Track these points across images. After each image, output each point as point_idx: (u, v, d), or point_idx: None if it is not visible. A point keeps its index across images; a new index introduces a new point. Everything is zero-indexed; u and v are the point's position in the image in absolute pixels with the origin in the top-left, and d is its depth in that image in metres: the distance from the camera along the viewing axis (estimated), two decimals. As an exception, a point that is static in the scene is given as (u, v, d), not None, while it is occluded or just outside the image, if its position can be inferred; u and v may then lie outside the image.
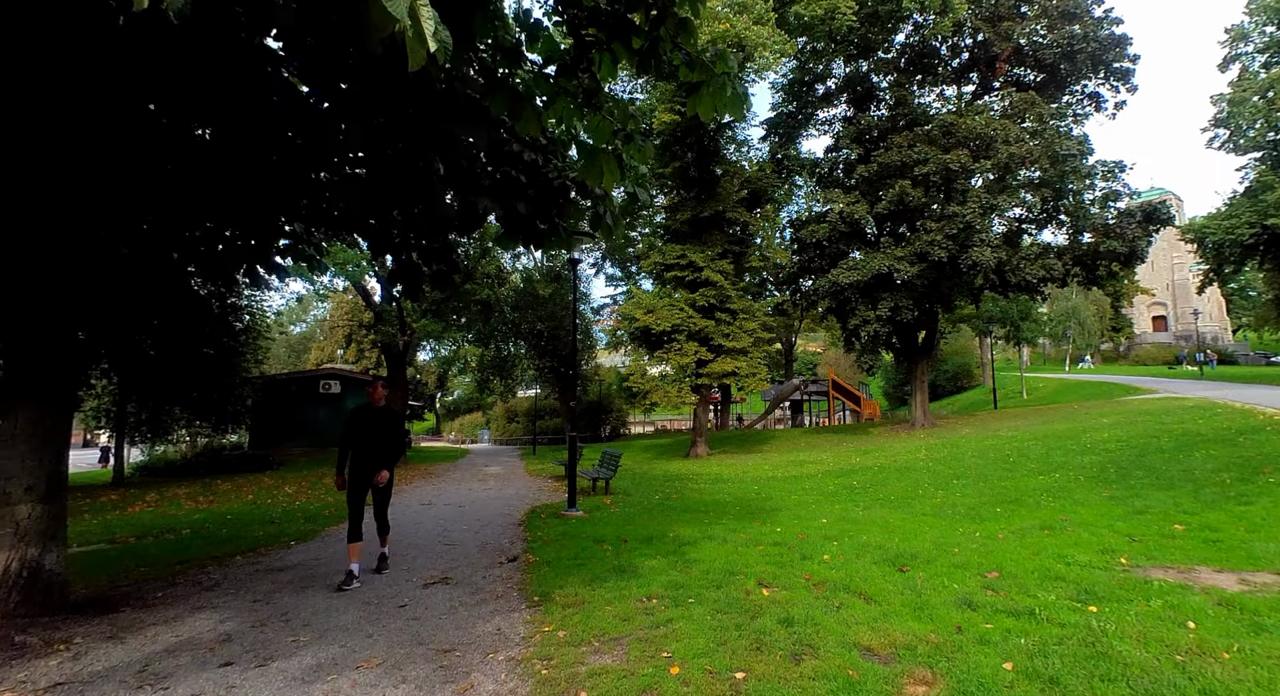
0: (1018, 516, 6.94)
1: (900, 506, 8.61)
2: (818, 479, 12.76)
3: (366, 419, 5.47)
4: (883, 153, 19.54)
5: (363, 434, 5.43)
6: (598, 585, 4.60)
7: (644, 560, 5.34)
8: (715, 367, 19.57)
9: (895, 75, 21.76)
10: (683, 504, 9.81)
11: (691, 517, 8.11)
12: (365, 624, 4.05)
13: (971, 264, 17.38)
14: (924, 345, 22.07)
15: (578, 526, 7.55)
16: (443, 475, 16.57)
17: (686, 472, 15.68)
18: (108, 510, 11.73)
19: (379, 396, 5.60)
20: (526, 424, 38.09)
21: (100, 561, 6.64)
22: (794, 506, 9.31)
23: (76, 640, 3.70)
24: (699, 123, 20.76)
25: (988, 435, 16.47)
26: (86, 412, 24.20)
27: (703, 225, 21.02)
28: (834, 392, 35.09)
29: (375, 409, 5.54)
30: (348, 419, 5.51)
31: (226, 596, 4.78)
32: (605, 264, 34.80)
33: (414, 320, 20.19)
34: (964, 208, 17.56)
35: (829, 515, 8.03)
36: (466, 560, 6.02)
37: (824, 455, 17.19)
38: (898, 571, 4.59)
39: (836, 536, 6.21)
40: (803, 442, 21.50)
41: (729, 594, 4.14)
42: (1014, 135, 17.54)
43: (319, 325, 52.77)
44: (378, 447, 5.43)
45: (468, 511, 9.58)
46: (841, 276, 19.01)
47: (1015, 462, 11.26)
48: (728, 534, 6.49)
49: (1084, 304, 44.77)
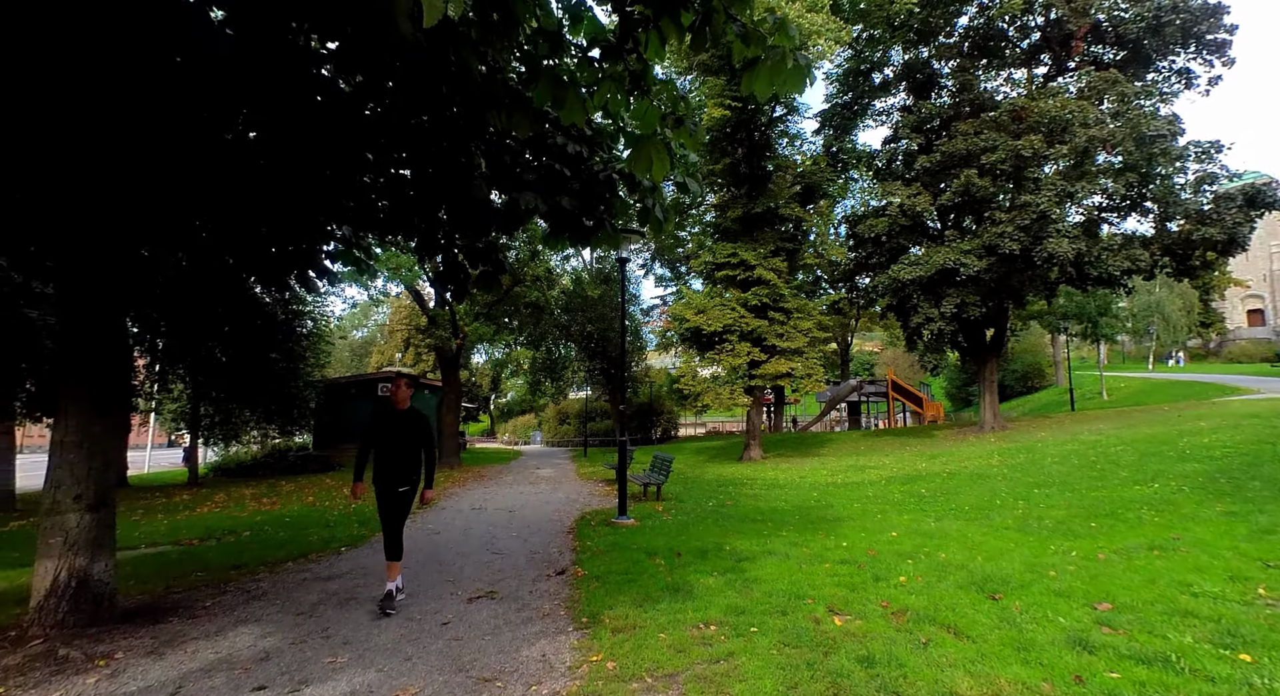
0: (1117, 533, 6.21)
1: (977, 518, 7.92)
2: (881, 486, 12.06)
3: (389, 421, 4.87)
4: (946, 141, 18.49)
5: (385, 438, 4.85)
6: (650, 606, 4.25)
7: (699, 577, 4.97)
8: (769, 368, 18.96)
9: (958, 60, 20.61)
10: (738, 512, 9.37)
11: (748, 528, 7.67)
12: (405, 644, 3.84)
13: (1047, 256, 16.19)
14: (992, 343, 20.80)
15: (629, 536, 7.24)
16: (495, 477, 16.59)
17: (740, 477, 15.17)
18: (179, 510, 12.16)
19: (403, 396, 4.90)
20: (577, 425, 38.18)
21: (162, 564, 6.75)
22: (858, 516, 8.73)
23: (118, 655, 3.62)
24: (749, 117, 20.23)
25: (1067, 439, 15.30)
26: (165, 415, 25.67)
27: (754, 222, 20.45)
28: (894, 393, 33.71)
29: (399, 410, 4.90)
30: (367, 422, 4.95)
31: (271, 608, 4.67)
32: (654, 264, 34.53)
33: (466, 323, 20.39)
34: (1038, 196, 16.39)
35: (898, 527, 7.45)
36: (514, 571, 5.78)
37: (886, 460, 16.35)
38: (989, 599, 4.06)
39: (911, 553, 5.67)
40: (862, 446, 20.60)
41: (796, 622, 3.72)
42: (1093, 117, 16.26)
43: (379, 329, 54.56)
44: (403, 455, 4.82)
45: (517, 516, 9.42)
46: (903, 272, 18.08)
47: (1105, 470, 10.30)
48: (789, 548, 6.04)
49: (1168, 298, 41.59)
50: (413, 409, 5.00)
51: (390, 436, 4.84)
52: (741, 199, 20.62)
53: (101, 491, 4.22)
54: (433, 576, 5.65)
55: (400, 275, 17.18)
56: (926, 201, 18.42)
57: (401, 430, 4.85)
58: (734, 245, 19.87)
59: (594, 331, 27.56)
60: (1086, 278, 17.79)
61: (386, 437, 4.83)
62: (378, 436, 4.85)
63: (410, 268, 16.54)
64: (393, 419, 4.86)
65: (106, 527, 4.26)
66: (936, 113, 19.84)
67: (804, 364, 19.19)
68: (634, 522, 8.34)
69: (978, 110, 19.23)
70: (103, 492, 4.22)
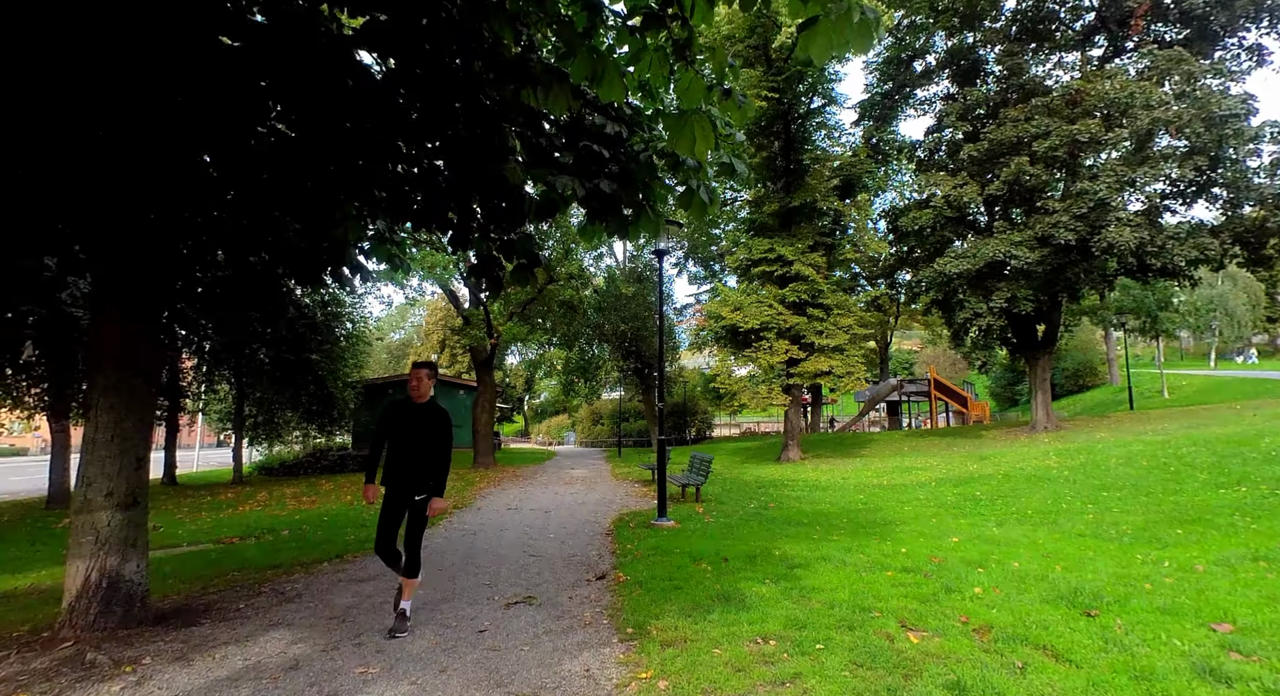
0: (1210, 541, 5.64)
1: (1043, 523, 7.38)
2: (931, 488, 11.48)
3: (405, 417, 4.28)
4: (994, 128, 17.67)
5: (400, 435, 4.24)
6: (700, 617, 3.93)
7: (751, 585, 4.62)
8: (808, 367, 18.42)
9: (1005, 45, 19.71)
10: (783, 515, 8.96)
11: (796, 532, 7.28)
12: (440, 653, 3.60)
13: (1106, 246, 15.29)
14: (1044, 339, 19.83)
15: (670, 539, 6.92)
16: (529, 477, 16.46)
17: (780, 478, 14.70)
18: (223, 508, 12.32)
19: (423, 388, 4.31)
20: (611, 426, 38.03)
21: (202, 563, 6.71)
22: (910, 520, 8.25)
23: (145, 661, 3.46)
24: (786, 110, 19.73)
25: (1130, 439, 14.40)
26: (212, 415, 26.39)
27: (791, 217, 19.93)
28: (936, 393, 32.56)
29: (417, 405, 4.30)
30: (381, 416, 4.34)
31: (304, 612, 4.50)
32: (688, 263, 34.11)
33: (500, 323, 20.36)
34: (1095, 183, 15.50)
35: (958, 532, 6.96)
36: (552, 575, 5.53)
37: (933, 461, 15.67)
38: (1084, 615, 3.62)
39: (979, 561, 5.22)
40: (906, 446, 19.86)
41: (866, 639, 3.35)
42: (1157, 98, 15.28)
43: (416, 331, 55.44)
44: (420, 455, 4.21)
45: (553, 517, 9.19)
46: (949, 266, 17.33)
47: (1179, 473, 9.57)
48: (844, 554, 5.64)
49: (1232, 291, 39.32)
50: (433, 403, 4.40)
51: (407, 433, 4.24)
52: (778, 193, 20.13)
53: (133, 489, 4.10)
54: (469, 579, 5.43)
55: (435, 274, 17.20)
56: (974, 191, 17.63)
57: (420, 426, 4.25)
58: (771, 240, 19.38)
59: (627, 330, 27.32)
60: (1148, 269, 16.75)
61: (403, 434, 4.24)
62: (392, 432, 4.26)
63: (445, 267, 16.53)
64: (411, 413, 4.28)
65: (138, 526, 4.14)
66: (984, 99, 19.01)
67: (844, 362, 18.58)
68: (674, 525, 8.02)
69: (1027, 96, 18.33)
70: (134, 490, 4.11)
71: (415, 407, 4.30)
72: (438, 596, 4.89)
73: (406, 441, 4.21)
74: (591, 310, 26.27)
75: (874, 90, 22.21)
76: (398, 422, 4.26)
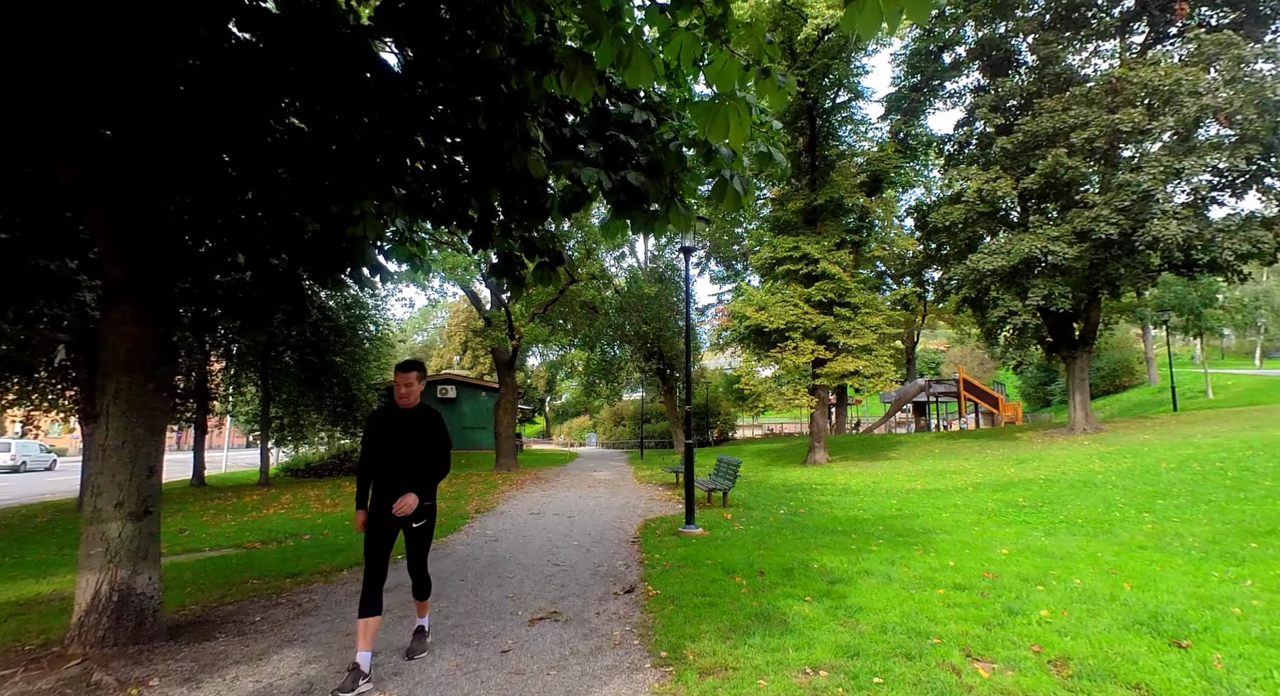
0: (1291, 557, 5.18)
1: (1098, 534, 6.93)
2: (968, 493, 11.01)
3: (393, 427, 3.64)
4: (1029, 120, 17.05)
5: (389, 450, 3.59)
6: (740, 640, 3.63)
7: (791, 603, 4.31)
8: (835, 367, 17.96)
9: (1038, 34, 19.03)
10: (815, 522, 8.61)
11: (832, 541, 6.93)
12: (461, 677, 3.36)
13: (1151, 240, 14.62)
14: (1083, 337, 19.09)
15: (700, 548, 6.63)
16: (552, 480, 16.28)
17: (808, 482, 14.30)
18: (247, 511, 12.33)
19: (411, 393, 3.66)
20: (633, 427, 37.80)
21: (222, 570, 6.60)
22: (950, 528, 7.85)
23: (153, 682, 3.28)
24: (811, 104, 19.30)
25: (1178, 442, 13.74)
26: (239, 417, 26.73)
27: (816, 214, 19.49)
28: (966, 394, 31.74)
29: (405, 412, 3.67)
30: (366, 429, 3.78)
31: (320, 626, 4.31)
32: (709, 262, 33.73)
33: (522, 324, 20.24)
34: (1139, 175, 14.83)
35: (1004, 542, 6.56)
36: (577, 587, 5.28)
37: (967, 464, 15.13)
38: (1171, 646, 3.25)
39: (1036, 577, 4.85)
40: (936, 449, 19.28)
41: (929, 671, 3.02)
42: (1204, 85, 14.57)
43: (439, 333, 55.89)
44: (413, 470, 3.56)
45: (577, 523, 8.96)
46: (983, 262, 16.76)
47: (1240, 479, 9.01)
48: (887, 567, 5.30)
49: (1277, 287, 37.77)
50: (423, 407, 3.76)
51: (397, 445, 3.59)
52: (803, 190, 19.71)
53: (145, 498, 3.94)
54: (491, 591, 5.20)
55: (456, 276, 17.12)
56: (1008, 185, 17.02)
57: (412, 436, 3.61)
58: (795, 238, 18.96)
59: (649, 331, 27.05)
60: (1194, 264, 16.01)
61: (392, 447, 3.60)
62: (380, 446, 3.63)
63: (466, 268, 16.42)
64: (399, 422, 3.63)
65: (150, 537, 3.97)
66: (1017, 91, 18.38)
67: (872, 361, 18.09)
68: (703, 532, 7.73)
69: (1063, 86, 17.66)
70: (146, 500, 3.94)
71: (403, 415, 3.66)
72: (459, 610, 4.67)
73: (398, 455, 3.58)
74: (613, 311, 26.06)
75: (901, 83, 21.66)
76: (386, 435, 3.64)
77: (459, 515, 9.92)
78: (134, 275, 4.04)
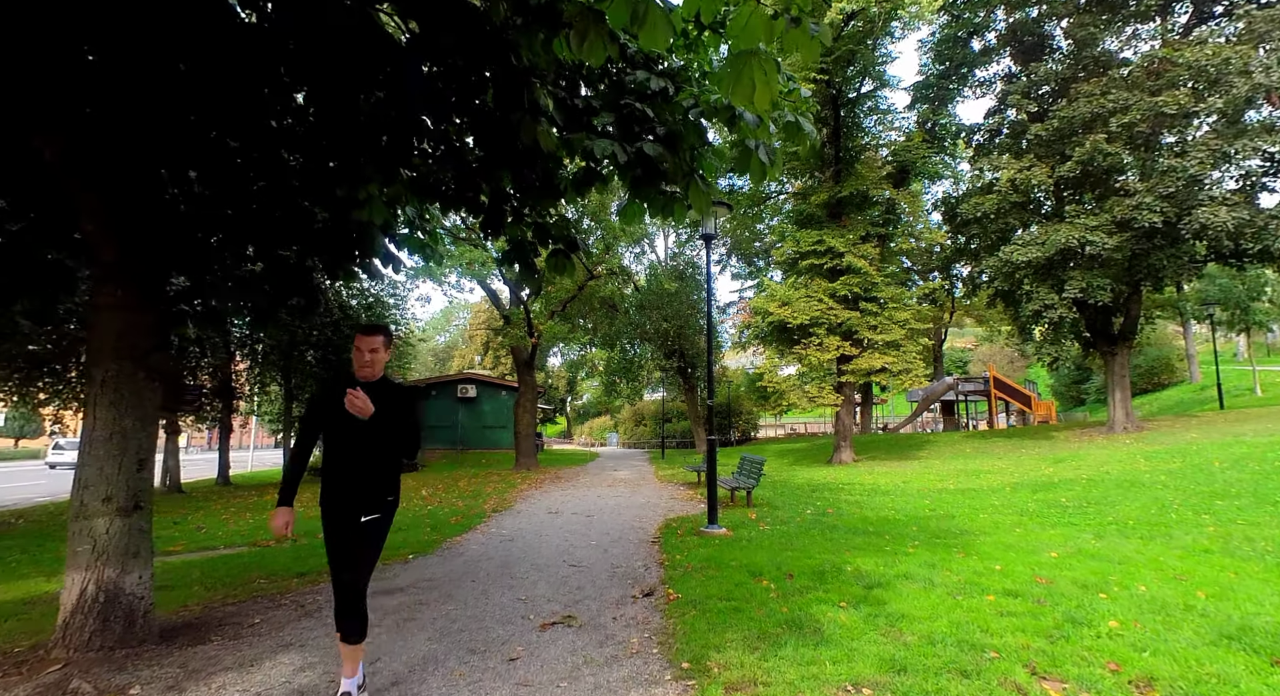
0: (1381, 563, 4.67)
1: (1154, 536, 6.42)
2: (1005, 493, 10.48)
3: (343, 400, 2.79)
4: (1065, 106, 16.34)
5: (339, 431, 2.88)
6: (770, 652, 3.29)
7: (825, 610, 3.95)
8: (861, 364, 17.43)
9: (1074, 17, 18.28)
10: (844, 522, 8.19)
11: (864, 542, 6.53)
12: (462, 687, 3.07)
13: (1199, 228, 13.87)
14: (1123, 332, 18.27)
15: (723, 549, 6.28)
16: (572, 479, 16.02)
17: (835, 482, 13.83)
18: (267, 508, 12.27)
19: (376, 362, 2.93)
20: (654, 427, 37.47)
21: (231, 568, 6.45)
22: (990, 530, 7.38)
23: (133, 690, 3.05)
24: (836, 95, 18.81)
25: (1229, 440, 12.99)
26: (264, 417, 26.97)
27: (841, 207, 18.96)
28: (997, 392, 30.80)
29: (364, 385, 2.89)
30: (309, 405, 3.16)
31: (320, 629, 4.06)
32: (730, 258, 33.24)
33: (541, 322, 20.04)
34: (1185, 160, 14.08)
35: (1052, 545, 6.09)
36: (594, 590, 4.97)
37: (1001, 464, 14.53)
38: (1272, 665, 2.83)
39: (1096, 584, 4.41)
40: (967, 448, 18.63)
41: (990, 691, 2.64)
42: (1256, 63, 13.78)
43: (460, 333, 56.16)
44: (367, 457, 2.89)
45: (595, 522, 8.66)
46: (1016, 254, 16.10)
47: (1305, 479, 8.37)
48: (928, 571, 4.90)
49: (1329, 279, 35.97)
50: (387, 380, 3.02)
51: (351, 428, 2.83)
52: (827, 183, 19.21)
53: (134, 493, 3.72)
54: (503, 594, 4.92)
55: (473, 271, 16.97)
56: (1043, 174, 16.33)
57: (373, 416, 2.81)
58: (819, 232, 18.46)
59: (670, 329, 26.70)
60: (1243, 253, 15.16)
61: (345, 430, 2.86)
62: (325, 423, 2.92)
63: (483, 263, 16.26)
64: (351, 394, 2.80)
65: (141, 534, 3.76)
66: (1051, 76, 17.65)
67: (901, 358, 17.51)
68: (727, 532, 7.37)
69: (1101, 70, 16.91)
70: (136, 494, 3.73)
71: (364, 389, 2.83)
72: (467, 613, 4.39)
73: (350, 438, 2.86)
74: (633, 309, 25.75)
75: (929, 71, 21.00)
76: (340, 414, 2.82)
77: (475, 513, 9.69)
78: (124, 257, 3.84)
